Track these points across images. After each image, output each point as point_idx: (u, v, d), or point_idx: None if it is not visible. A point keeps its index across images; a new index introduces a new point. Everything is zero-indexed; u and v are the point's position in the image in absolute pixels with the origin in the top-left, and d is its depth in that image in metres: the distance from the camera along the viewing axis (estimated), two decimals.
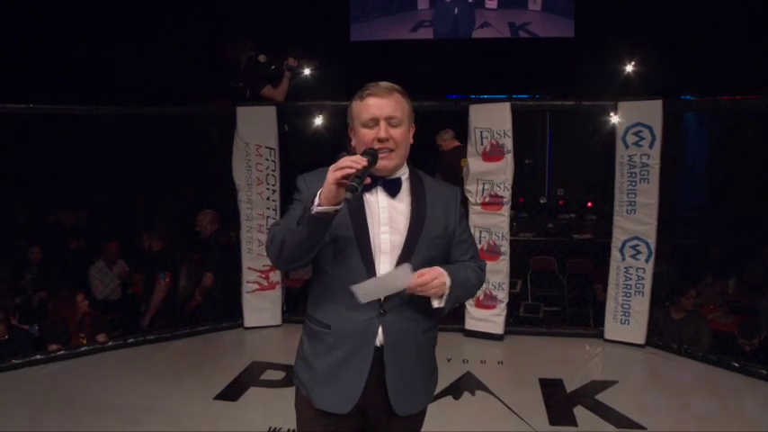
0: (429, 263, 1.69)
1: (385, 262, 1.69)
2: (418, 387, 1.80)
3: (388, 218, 1.70)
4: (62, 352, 4.19)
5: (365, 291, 1.60)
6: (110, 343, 4.39)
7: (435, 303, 1.68)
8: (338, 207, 1.51)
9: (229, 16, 6.93)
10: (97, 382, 3.82)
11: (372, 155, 1.58)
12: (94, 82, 6.53)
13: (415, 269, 1.66)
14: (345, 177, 1.46)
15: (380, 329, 1.70)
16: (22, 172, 6.11)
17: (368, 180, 1.55)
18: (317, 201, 1.50)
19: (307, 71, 5.05)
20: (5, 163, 5.68)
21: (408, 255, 1.68)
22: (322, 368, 1.74)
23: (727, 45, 6.74)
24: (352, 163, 1.47)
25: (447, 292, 1.68)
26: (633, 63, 7.82)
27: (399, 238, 1.69)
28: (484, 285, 2.87)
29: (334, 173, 1.47)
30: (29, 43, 6.68)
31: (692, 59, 6.88)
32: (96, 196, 7.44)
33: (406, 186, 1.74)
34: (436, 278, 1.64)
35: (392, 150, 1.67)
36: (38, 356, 4.10)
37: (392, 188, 1.72)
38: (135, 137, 6.23)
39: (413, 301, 1.71)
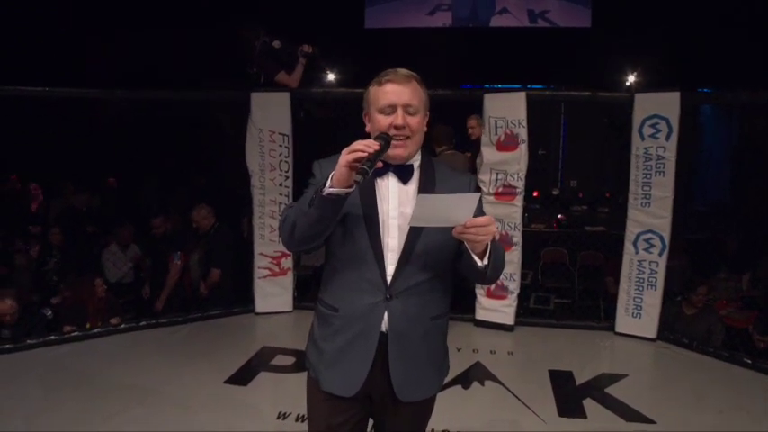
0: (438, 247, 1.68)
1: (393, 245, 1.69)
2: (424, 374, 1.79)
3: (397, 202, 1.71)
4: (76, 333, 4.25)
5: (423, 209, 1.50)
6: (122, 325, 4.44)
7: (479, 262, 1.60)
8: (349, 190, 1.52)
9: (244, 1, 6.91)
10: (109, 363, 3.86)
11: (385, 139, 1.59)
12: (109, 67, 6.56)
13: (424, 253, 1.67)
14: (357, 161, 1.47)
15: (386, 314, 1.70)
16: (38, 156, 6.17)
17: (379, 164, 1.55)
18: (329, 183, 1.51)
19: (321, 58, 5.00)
20: (21, 146, 5.73)
21: (415, 238, 1.68)
22: (329, 351, 1.76)
23: (746, 38, 6.62)
24: (364, 147, 1.48)
25: (489, 248, 1.59)
26: (650, 54, 7.72)
27: (407, 221, 1.67)
28: None
29: (346, 156, 1.48)
30: (44, 27, 6.71)
31: (710, 51, 6.78)
32: (110, 180, 7.51)
33: (417, 173, 1.74)
34: (491, 224, 1.54)
35: (408, 138, 1.67)
36: (52, 337, 4.16)
37: (404, 174, 1.72)
38: (149, 123, 6.27)
39: (420, 287, 1.71)
